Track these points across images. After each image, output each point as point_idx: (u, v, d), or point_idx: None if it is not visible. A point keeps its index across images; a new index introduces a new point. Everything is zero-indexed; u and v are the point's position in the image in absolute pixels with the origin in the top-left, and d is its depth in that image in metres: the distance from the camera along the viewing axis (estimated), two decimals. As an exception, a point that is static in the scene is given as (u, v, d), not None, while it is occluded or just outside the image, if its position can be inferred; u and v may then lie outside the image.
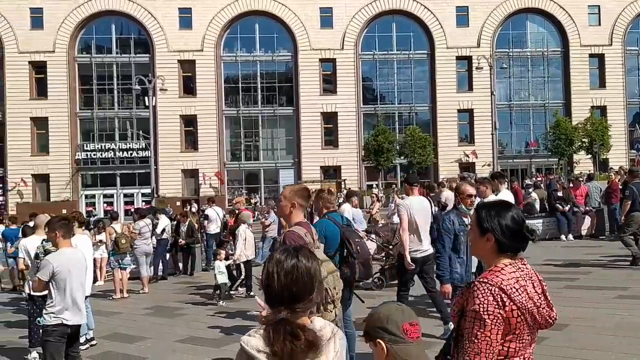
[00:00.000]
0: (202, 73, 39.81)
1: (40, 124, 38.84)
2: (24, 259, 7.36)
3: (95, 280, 10.95)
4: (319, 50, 40.32)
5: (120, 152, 39.68)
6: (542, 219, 14.18)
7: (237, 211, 11.53)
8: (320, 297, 1.97)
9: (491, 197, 7.25)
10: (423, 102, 42.17)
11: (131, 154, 39.75)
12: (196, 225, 14.55)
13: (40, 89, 39.11)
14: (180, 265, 13.71)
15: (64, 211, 27.26)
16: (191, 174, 39.84)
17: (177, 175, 39.40)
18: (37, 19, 38.65)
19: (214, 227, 14.16)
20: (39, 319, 5.03)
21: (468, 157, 40.35)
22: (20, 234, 13.75)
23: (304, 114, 40.29)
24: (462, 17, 41.07)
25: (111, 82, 40.36)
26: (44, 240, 7.06)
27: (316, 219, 5.92)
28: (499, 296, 2.05)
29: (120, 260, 10.85)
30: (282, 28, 40.89)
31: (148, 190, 35.14)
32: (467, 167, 38.73)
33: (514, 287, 2.08)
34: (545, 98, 42.69)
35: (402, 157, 38.53)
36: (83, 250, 6.70)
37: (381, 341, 1.91)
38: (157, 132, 36.86)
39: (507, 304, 2.05)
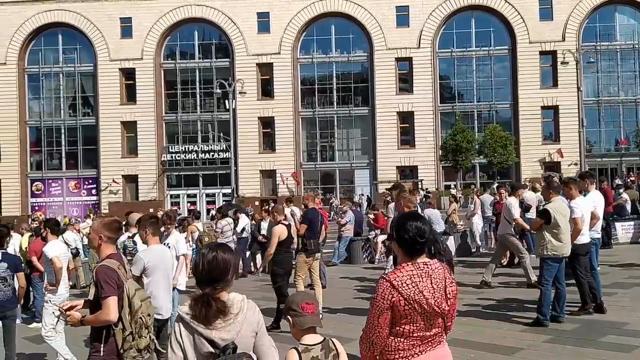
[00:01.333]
0: (280, 75, 40.60)
1: (129, 127, 41.09)
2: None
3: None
4: (394, 50, 40.02)
5: (203, 154, 41.23)
6: (634, 221, 13.38)
7: (305, 207, 11.41)
8: (235, 277, 2.66)
9: (579, 199, 6.96)
10: (504, 100, 40.83)
11: (212, 155, 41.20)
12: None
13: (130, 95, 41.37)
14: (258, 264, 14.00)
15: (151, 210, 28.70)
16: (269, 175, 40.74)
17: (256, 176, 40.42)
18: (126, 29, 40.93)
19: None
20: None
21: (552, 156, 38.63)
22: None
23: (379, 113, 40.13)
24: (546, 10, 39.36)
25: (194, 87, 42.03)
26: (129, 236, 7.54)
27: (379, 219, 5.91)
28: (387, 289, 2.66)
29: None
30: (357, 28, 40.95)
31: (228, 190, 36.33)
32: (551, 167, 37.08)
33: (405, 283, 2.65)
34: (636, 93, 40.09)
35: (481, 157, 37.49)
36: (178, 247, 7.10)
37: (289, 317, 2.87)
38: (237, 134, 37.97)
39: (394, 295, 2.64)
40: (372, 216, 14.86)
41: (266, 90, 41.29)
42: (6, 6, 40.76)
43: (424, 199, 16.26)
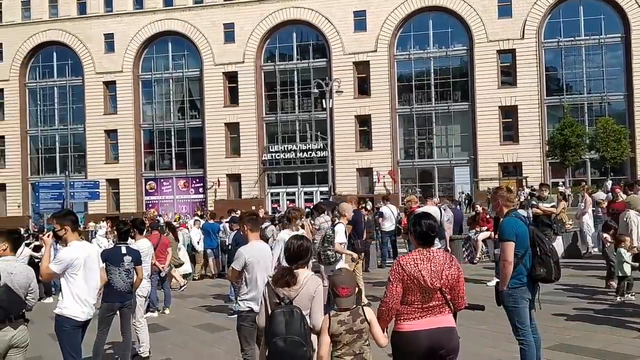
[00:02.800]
0: (376, 73, 40.51)
1: (232, 128, 42.90)
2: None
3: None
4: (496, 42, 38.55)
5: (301, 153, 42.13)
6: None
7: (407, 210, 11.53)
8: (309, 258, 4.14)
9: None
10: (617, 91, 38.00)
11: (310, 154, 41.98)
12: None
13: (232, 97, 43.18)
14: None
15: (253, 207, 29.78)
16: (365, 173, 40.81)
17: (353, 174, 40.65)
18: (229, 34, 42.77)
19: (388, 225, 14.38)
20: (234, 305, 5.56)
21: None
22: (222, 227, 15.42)
23: (480, 108, 38.84)
24: (667, -9, 36.12)
25: (292, 87, 43.05)
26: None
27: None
28: (398, 267, 3.71)
29: None
30: (456, 21, 39.89)
31: (326, 189, 36.84)
32: (673, 162, 33.99)
33: (409, 263, 3.68)
34: None
35: (592, 152, 35.10)
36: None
37: (334, 300, 3.75)
38: (334, 133, 38.40)
39: (400, 271, 3.68)
40: (473, 213, 14.44)
41: (363, 88, 41.38)
42: (122, 17, 44.06)
43: (529, 197, 15.51)
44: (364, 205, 16.25)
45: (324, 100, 34.46)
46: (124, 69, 44.14)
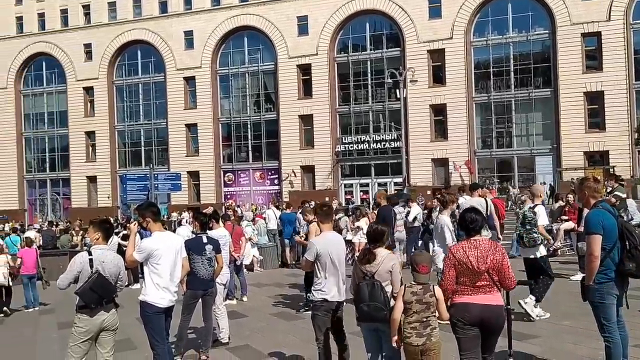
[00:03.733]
0: (452, 61, 39.54)
1: (306, 120, 43.35)
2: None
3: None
4: (580, 25, 36.52)
5: (375, 144, 41.93)
6: None
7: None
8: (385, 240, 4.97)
9: None
10: None
11: (384, 145, 41.69)
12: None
13: (306, 89, 43.59)
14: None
15: (326, 199, 30.02)
16: (441, 163, 40.02)
17: (427, 165, 40.00)
18: (303, 27, 43.15)
19: (465, 216, 14.03)
20: (308, 294, 5.68)
21: None
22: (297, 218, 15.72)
23: (563, 95, 37.00)
24: None
25: (366, 78, 42.85)
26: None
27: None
28: (450, 255, 4.52)
29: None
30: (537, 4, 38.12)
31: (400, 180, 36.52)
32: None
33: (458, 251, 4.48)
34: None
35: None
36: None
37: (412, 273, 4.59)
38: (408, 123, 37.92)
39: (452, 258, 4.48)
40: (558, 204, 13.79)
41: (438, 77, 40.52)
42: (200, 14, 45.51)
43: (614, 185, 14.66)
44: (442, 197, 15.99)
45: (397, 90, 34.09)
46: (202, 64, 45.63)
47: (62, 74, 49.57)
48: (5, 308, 12.53)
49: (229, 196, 45.27)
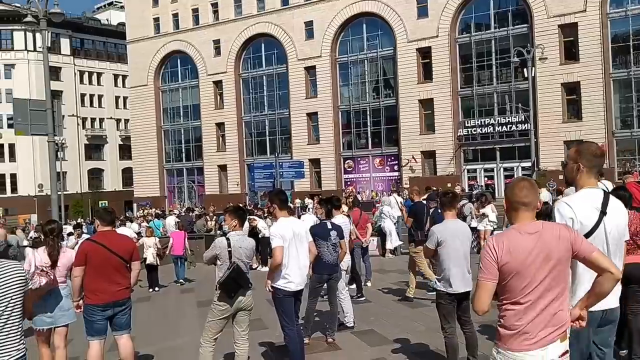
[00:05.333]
0: (586, 35, 36.56)
1: (426, 105, 42.56)
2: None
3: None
4: None
5: (500, 127, 40.12)
6: None
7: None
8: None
9: None
10: None
11: (510, 127, 39.74)
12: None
13: (426, 73, 42.74)
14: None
15: (449, 185, 29.39)
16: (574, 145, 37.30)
17: (559, 147, 37.48)
18: (422, 9, 42.25)
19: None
20: (430, 282, 5.64)
21: None
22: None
23: None
24: None
25: (489, 58, 41.02)
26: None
27: None
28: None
29: None
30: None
31: (528, 164, 34.68)
32: None
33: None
34: None
35: None
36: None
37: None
38: (537, 104, 35.82)
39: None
40: None
41: (570, 53, 37.71)
42: (320, 4, 46.27)
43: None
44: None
45: (525, 70, 32.30)
46: (322, 53, 46.44)
47: (195, 70, 53.05)
48: (147, 287, 13.92)
49: (348, 183, 45.90)
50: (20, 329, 3.37)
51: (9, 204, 56.41)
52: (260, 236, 14.22)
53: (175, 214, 28.89)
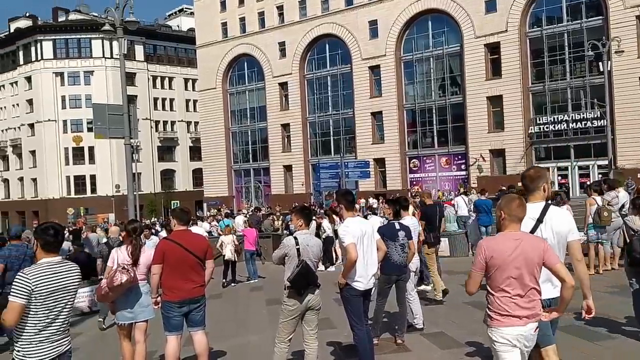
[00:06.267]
0: (669, 25, 34.46)
1: (495, 102, 41.41)
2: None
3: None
4: None
5: (574, 123, 38.46)
6: None
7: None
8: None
9: None
10: None
11: (585, 124, 38.03)
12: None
13: (495, 69, 41.58)
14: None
15: (519, 184, 28.50)
16: (656, 142, 35.25)
17: (638, 145, 35.50)
18: (490, 3, 41.19)
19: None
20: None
21: None
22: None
23: None
24: None
25: (562, 52, 39.41)
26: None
27: None
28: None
29: (599, 234, 10.59)
30: None
31: (604, 162, 33.09)
32: None
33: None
34: None
35: None
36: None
37: None
38: (614, 99, 34.10)
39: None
40: None
41: (651, 44, 35.62)
42: (384, 2, 45.98)
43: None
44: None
45: (600, 64, 30.83)
46: (386, 52, 46.15)
47: (261, 72, 54.08)
48: (227, 280, 14.75)
49: (414, 182, 45.37)
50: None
51: (88, 203, 59.59)
52: (323, 237, 14.36)
53: (243, 213, 29.56)
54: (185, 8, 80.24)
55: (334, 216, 14.90)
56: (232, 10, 55.38)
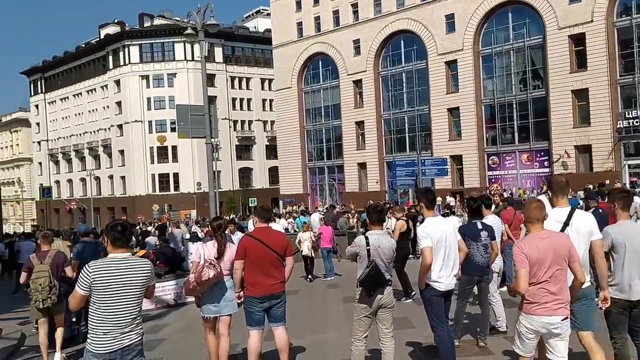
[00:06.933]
0: None
1: (580, 95, 39.36)
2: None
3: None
4: None
5: (669, 117, 35.86)
6: None
7: None
8: None
9: None
10: None
11: (682, 117, 35.35)
12: None
13: (580, 61, 39.52)
14: None
15: (607, 182, 26.90)
16: None
17: None
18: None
19: None
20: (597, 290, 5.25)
21: None
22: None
23: None
24: None
25: (655, 42, 36.83)
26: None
27: None
28: None
29: None
30: None
31: None
32: None
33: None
34: None
35: None
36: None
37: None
38: None
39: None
40: None
41: None
42: (461, -3, 44.85)
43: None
44: None
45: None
46: (464, 47, 44.99)
47: (335, 70, 54.30)
48: (309, 275, 15.25)
49: (493, 180, 43.98)
50: None
51: (172, 200, 62.24)
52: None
53: (319, 211, 29.85)
54: (262, 9, 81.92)
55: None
56: (308, 10, 55.94)
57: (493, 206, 9.15)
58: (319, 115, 57.22)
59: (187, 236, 18.71)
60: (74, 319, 9.09)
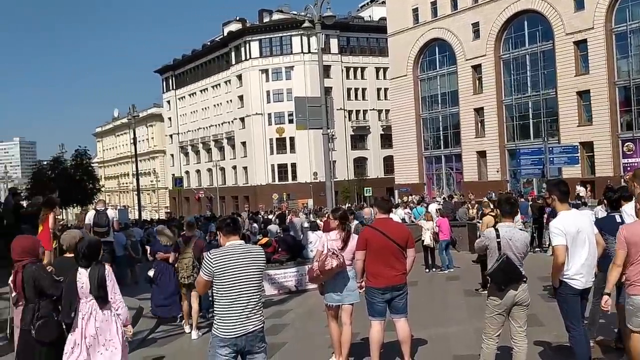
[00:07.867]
0: None
1: None
2: None
3: None
4: None
5: None
6: None
7: None
8: None
9: None
10: None
11: None
12: None
13: None
14: None
15: None
16: None
17: None
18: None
19: None
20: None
21: None
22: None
23: None
24: None
25: None
26: None
27: None
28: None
29: None
30: None
31: None
32: None
33: None
34: None
35: None
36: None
37: None
38: None
39: None
40: None
41: None
42: (592, -30, 41.35)
43: None
44: None
45: None
46: (595, 25, 41.55)
47: (452, 56, 52.68)
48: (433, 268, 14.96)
49: (628, 168, 40.34)
50: None
51: (290, 189, 64.22)
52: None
53: (437, 201, 29.26)
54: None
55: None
56: (424, -5, 54.72)
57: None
58: (435, 102, 55.93)
59: (306, 225, 19.21)
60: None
